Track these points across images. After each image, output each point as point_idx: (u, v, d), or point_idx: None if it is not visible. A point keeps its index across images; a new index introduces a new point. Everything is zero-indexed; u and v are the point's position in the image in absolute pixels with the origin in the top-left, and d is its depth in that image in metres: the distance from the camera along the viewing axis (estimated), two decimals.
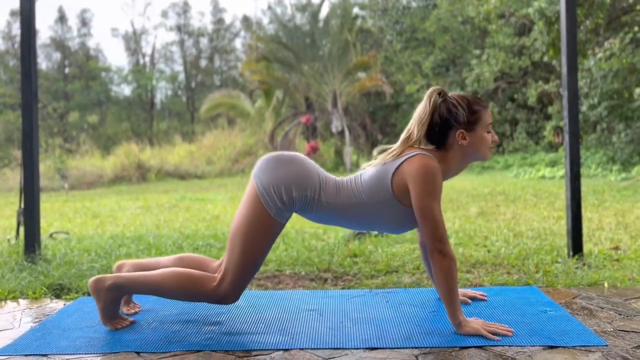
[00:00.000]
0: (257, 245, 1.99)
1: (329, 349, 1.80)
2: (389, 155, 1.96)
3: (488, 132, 2.00)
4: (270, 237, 2.02)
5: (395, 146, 1.98)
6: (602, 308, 2.19)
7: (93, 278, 2.01)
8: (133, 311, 2.23)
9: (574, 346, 1.76)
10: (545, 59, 12.43)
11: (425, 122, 1.95)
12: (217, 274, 2.04)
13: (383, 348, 1.79)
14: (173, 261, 2.21)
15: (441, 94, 1.99)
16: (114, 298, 2.01)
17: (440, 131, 1.97)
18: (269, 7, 29.00)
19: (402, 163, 1.92)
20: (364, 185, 1.98)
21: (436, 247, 1.85)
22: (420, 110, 1.97)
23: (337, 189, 2.01)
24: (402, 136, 1.98)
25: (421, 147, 1.99)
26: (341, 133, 16.63)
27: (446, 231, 1.89)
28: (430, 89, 2.01)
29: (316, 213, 2.02)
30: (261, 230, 1.98)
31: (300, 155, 2.07)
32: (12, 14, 28.39)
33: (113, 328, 2.02)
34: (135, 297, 2.47)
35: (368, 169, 2.02)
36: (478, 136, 1.97)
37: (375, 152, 2.04)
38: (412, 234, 4.23)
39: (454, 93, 2.01)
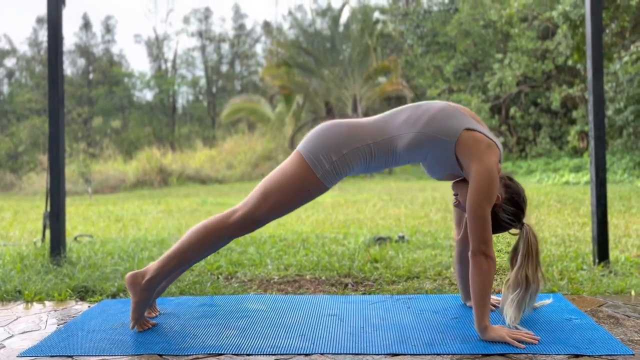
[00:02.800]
0: (292, 200, 1.94)
1: (350, 354, 1.79)
2: (485, 130, 1.96)
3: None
4: (310, 196, 1.96)
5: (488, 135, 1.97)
6: (629, 316, 2.14)
7: (130, 273, 2.04)
8: (154, 314, 2.26)
9: (600, 355, 1.73)
10: (569, 62, 12.25)
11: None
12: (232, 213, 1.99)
13: (404, 354, 1.78)
14: None
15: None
16: (147, 295, 2.04)
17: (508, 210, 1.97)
18: (290, 13, 29.16)
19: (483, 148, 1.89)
20: (437, 117, 1.94)
21: (481, 248, 1.85)
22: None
23: (400, 119, 1.98)
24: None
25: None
26: None
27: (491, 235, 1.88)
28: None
29: (377, 157, 1.97)
30: (303, 187, 1.93)
31: (339, 120, 2.05)
32: (39, 20, 29.07)
33: (135, 328, 2.05)
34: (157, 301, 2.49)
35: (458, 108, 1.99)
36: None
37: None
38: (432, 240, 4.20)
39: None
